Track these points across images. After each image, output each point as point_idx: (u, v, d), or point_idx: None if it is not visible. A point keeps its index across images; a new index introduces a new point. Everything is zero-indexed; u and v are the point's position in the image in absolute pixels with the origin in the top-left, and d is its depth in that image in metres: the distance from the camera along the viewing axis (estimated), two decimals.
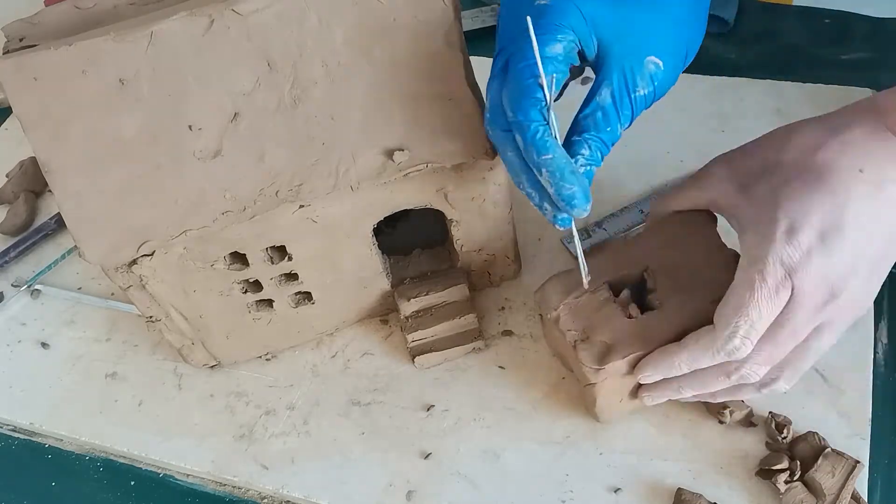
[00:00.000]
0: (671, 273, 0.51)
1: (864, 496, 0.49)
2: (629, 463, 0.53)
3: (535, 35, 0.43)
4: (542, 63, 0.43)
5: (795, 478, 0.50)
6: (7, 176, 0.77)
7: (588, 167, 0.45)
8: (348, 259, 0.56)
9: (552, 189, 0.44)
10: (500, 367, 0.59)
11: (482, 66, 0.56)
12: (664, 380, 0.50)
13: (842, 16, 0.79)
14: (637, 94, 0.45)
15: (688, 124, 0.71)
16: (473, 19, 0.85)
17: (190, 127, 0.49)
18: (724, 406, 0.53)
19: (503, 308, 0.62)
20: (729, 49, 0.78)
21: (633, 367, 0.50)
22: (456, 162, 0.51)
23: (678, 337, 0.49)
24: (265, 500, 0.56)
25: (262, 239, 0.52)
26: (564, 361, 0.57)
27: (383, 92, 0.50)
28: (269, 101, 0.49)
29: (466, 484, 0.54)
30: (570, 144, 0.45)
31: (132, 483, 0.58)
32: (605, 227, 0.64)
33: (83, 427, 0.60)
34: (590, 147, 0.45)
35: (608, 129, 0.45)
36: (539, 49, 0.43)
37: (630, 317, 0.51)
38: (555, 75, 0.43)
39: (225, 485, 0.57)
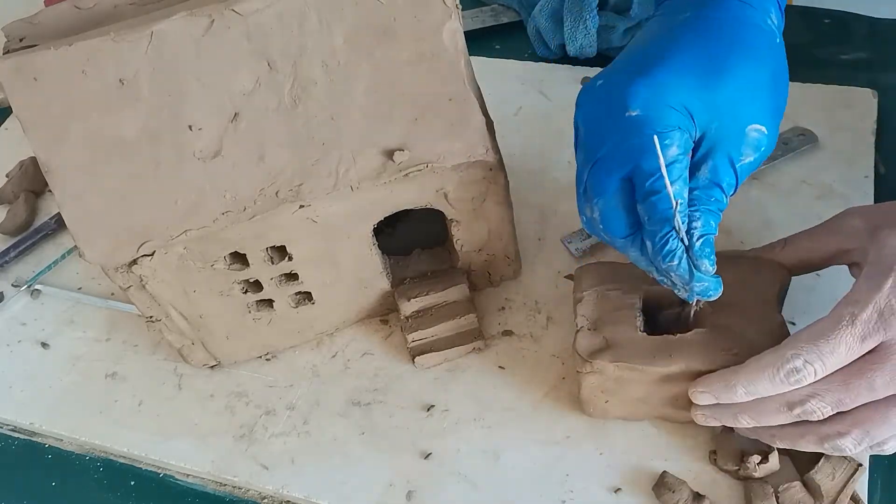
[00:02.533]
0: (707, 312, 0.51)
1: (864, 497, 0.49)
2: (629, 463, 0.53)
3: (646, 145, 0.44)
4: (670, 167, 0.44)
5: (760, 461, 0.49)
6: (7, 176, 0.77)
7: (704, 238, 0.45)
8: (348, 259, 0.56)
9: (685, 288, 0.46)
10: (500, 367, 0.59)
11: (482, 66, 0.56)
12: (721, 404, 0.48)
13: (842, 16, 0.79)
14: (742, 162, 0.46)
15: None
16: (473, 19, 0.85)
17: (190, 127, 0.49)
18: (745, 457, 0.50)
19: (503, 308, 0.62)
20: None
21: (625, 378, 0.50)
22: (456, 162, 0.51)
23: (676, 372, 0.49)
24: (265, 500, 0.56)
25: (262, 239, 0.52)
26: None
27: (383, 92, 0.50)
28: (269, 101, 0.49)
29: (466, 484, 0.54)
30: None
31: (132, 483, 0.58)
32: None
33: (83, 427, 0.60)
34: (700, 219, 0.45)
35: (714, 199, 0.45)
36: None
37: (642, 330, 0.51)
38: (678, 201, 0.44)
39: (225, 485, 0.57)
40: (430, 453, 0.55)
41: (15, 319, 0.68)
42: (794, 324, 0.55)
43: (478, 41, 0.82)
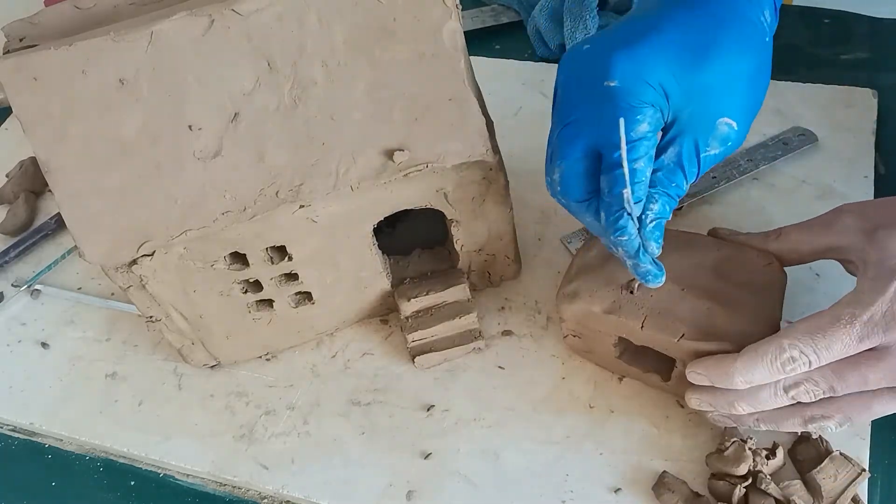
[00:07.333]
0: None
1: (864, 498, 0.49)
2: (629, 463, 0.53)
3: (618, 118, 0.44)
4: (636, 144, 0.44)
5: (766, 454, 0.50)
6: (7, 176, 0.77)
7: (657, 221, 0.46)
8: (348, 259, 0.56)
9: (628, 263, 0.47)
10: (500, 367, 0.59)
11: (482, 66, 0.56)
12: (718, 389, 0.48)
13: (842, 16, 0.79)
14: (707, 153, 0.46)
15: None
16: (473, 19, 0.85)
17: (190, 127, 0.49)
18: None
19: (503, 308, 0.62)
20: None
21: (597, 327, 0.52)
22: (456, 162, 0.51)
23: (637, 329, 0.50)
24: (265, 500, 0.56)
25: (262, 239, 0.52)
26: None
27: (383, 92, 0.50)
28: (269, 101, 0.49)
29: (466, 484, 0.54)
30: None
31: (132, 483, 0.58)
32: None
33: (83, 427, 0.60)
34: (657, 202, 0.46)
35: (674, 184, 0.46)
36: (627, 134, 0.44)
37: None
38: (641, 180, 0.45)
39: (225, 485, 0.57)
40: (430, 453, 0.55)
41: (15, 319, 0.68)
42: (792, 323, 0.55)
43: (478, 41, 0.82)
